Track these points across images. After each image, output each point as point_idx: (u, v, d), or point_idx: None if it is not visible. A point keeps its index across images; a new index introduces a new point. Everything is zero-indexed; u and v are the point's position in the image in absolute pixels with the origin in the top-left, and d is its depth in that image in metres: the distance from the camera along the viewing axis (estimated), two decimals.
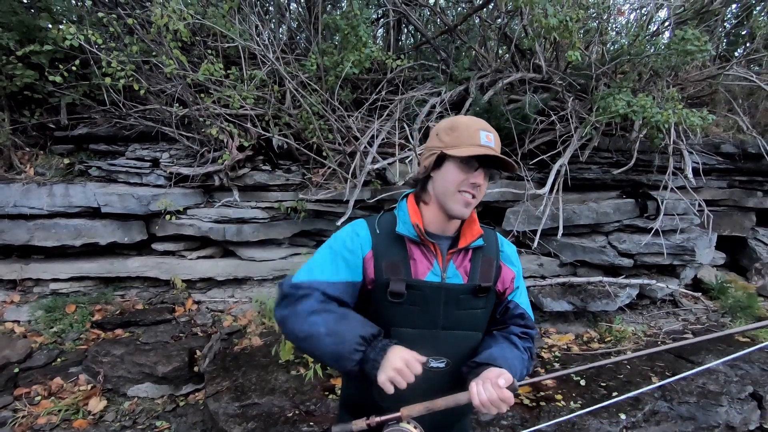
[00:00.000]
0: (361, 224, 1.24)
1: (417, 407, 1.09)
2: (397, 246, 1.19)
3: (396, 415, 1.09)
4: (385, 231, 1.21)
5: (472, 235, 1.22)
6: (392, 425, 1.11)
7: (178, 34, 3.26)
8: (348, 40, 3.67)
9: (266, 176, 3.93)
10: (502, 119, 3.96)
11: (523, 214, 3.94)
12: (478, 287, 1.20)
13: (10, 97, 3.99)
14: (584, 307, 3.81)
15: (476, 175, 1.14)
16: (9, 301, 3.75)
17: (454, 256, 1.21)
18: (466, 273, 1.21)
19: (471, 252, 1.23)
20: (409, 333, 1.17)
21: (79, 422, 2.82)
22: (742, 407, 2.72)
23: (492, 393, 1.03)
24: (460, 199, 1.15)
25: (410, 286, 1.15)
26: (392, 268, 1.16)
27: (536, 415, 2.59)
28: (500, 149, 1.19)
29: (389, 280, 1.15)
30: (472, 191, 1.15)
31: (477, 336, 1.25)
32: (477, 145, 1.12)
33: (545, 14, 3.29)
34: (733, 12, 5.52)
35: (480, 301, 1.22)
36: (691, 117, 3.61)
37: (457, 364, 1.20)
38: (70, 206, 3.71)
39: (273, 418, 2.53)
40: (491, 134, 1.16)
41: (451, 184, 1.15)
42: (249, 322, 3.72)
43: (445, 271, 1.19)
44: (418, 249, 1.19)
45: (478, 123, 1.17)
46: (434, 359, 1.18)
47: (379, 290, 1.17)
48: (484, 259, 1.23)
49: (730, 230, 4.96)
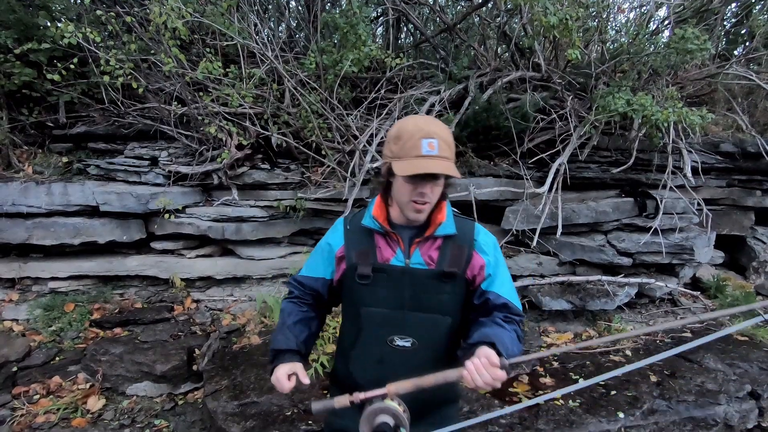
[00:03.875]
0: (339, 221, 1.42)
1: (404, 384, 1.08)
2: (365, 237, 1.32)
3: (382, 392, 1.09)
4: (356, 226, 1.35)
5: (435, 225, 1.29)
6: (377, 402, 1.10)
7: (176, 32, 3.26)
8: (347, 39, 3.66)
9: (265, 175, 3.93)
10: (502, 118, 3.96)
11: (522, 213, 3.93)
12: (443, 272, 1.27)
13: (9, 96, 3.98)
14: (583, 306, 3.82)
15: (421, 186, 1.20)
16: (8, 299, 3.74)
17: (420, 245, 1.30)
18: (432, 259, 1.29)
19: (441, 240, 1.30)
20: (376, 312, 1.30)
21: (78, 421, 2.81)
22: (740, 406, 2.72)
23: (483, 368, 1.05)
24: (412, 207, 1.24)
25: (376, 269, 1.29)
26: (361, 255, 1.31)
27: (534, 413, 2.59)
28: (451, 150, 1.21)
29: (357, 264, 1.30)
30: (422, 199, 1.22)
31: (445, 320, 1.30)
32: (418, 157, 1.16)
33: (545, 12, 3.29)
34: (732, 11, 5.52)
35: (446, 286, 1.28)
36: (691, 116, 3.61)
37: (425, 345, 1.28)
38: (68, 205, 3.70)
39: (272, 416, 2.53)
40: (434, 140, 1.17)
41: (402, 195, 1.24)
42: (248, 320, 3.71)
43: (409, 257, 1.29)
44: (382, 239, 1.32)
45: (422, 130, 1.18)
46: (400, 338, 1.29)
47: (350, 274, 1.32)
48: (454, 247, 1.30)
49: (729, 229, 4.96)
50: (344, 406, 1.10)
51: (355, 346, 1.35)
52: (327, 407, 1.11)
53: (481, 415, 2.56)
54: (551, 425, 2.49)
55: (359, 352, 1.34)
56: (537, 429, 2.46)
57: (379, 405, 1.09)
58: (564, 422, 2.51)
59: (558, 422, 2.51)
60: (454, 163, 1.21)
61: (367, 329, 1.32)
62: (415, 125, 1.20)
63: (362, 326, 1.32)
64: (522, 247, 4.20)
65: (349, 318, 1.38)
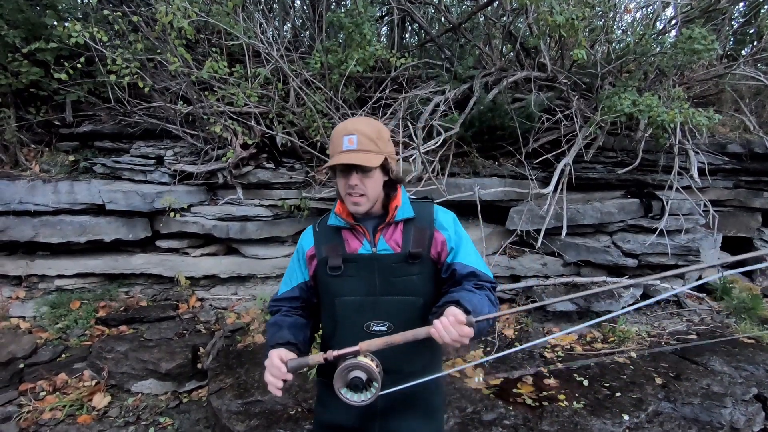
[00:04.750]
0: (310, 227, 1.49)
1: (376, 342, 1.15)
2: (333, 235, 1.40)
3: (354, 348, 1.15)
4: (323, 227, 1.43)
5: (392, 211, 1.37)
6: (350, 359, 1.15)
7: (182, 31, 3.27)
8: (352, 38, 3.66)
9: (270, 174, 3.94)
10: (507, 118, 3.94)
11: (526, 214, 3.92)
12: (409, 254, 1.33)
13: (16, 95, 4.02)
14: (588, 307, 3.80)
15: (349, 179, 1.29)
16: (14, 296, 3.77)
17: (384, 231, 1.37)
18: (397, 244, 1.35)
19: (402, 225, 1.37)
20: (351, 301, 1.35)
21: (84, 418, 2.84)
22: (746, 409, 2.70)
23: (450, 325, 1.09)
24: (349, 200, 1.32)
25: (345, 259, 1.35)
26: (330, 249, 1.38)
27: (539, 414, 2.58)
28: (373, 142, 1.28)
29: (328, 258, 1.37)
30: (354, 191, 1.30)
31: (417, 301, 1.35)
32: (340, 153, 1.27)
33: (551, 12, 3.27)
34: (740, 10, 5.47)
35: (414, 268, 1.34)
36: (697, 116, 3.59)
37: (401, 327, 1.28)
38: (75, 203, 3.73)
39: (275, 415, 2.54)
40: (354, 136, 1.26)
41: (340, 189, 1.35)
42: (252, 319, 3.73)
43: (375, 245, 1.35)
44: (348, 233, 1.39)
45: (345, 128, 1.29)
46: (376, 323, 1.33)
47: (321, 268, 1.39)
48: (416, 229, 1.36)
49: (735, 231, 4.93)
50: (318, 362, 1.19)
51: (334, 336, 1.38)
52: (301, 364, 1.19)
53: (484, 414, 2.56)
54: (555, 426, 2.48)
55: (339, 341, 1.33)
56: (541, 430, 2.46)
57: (352, 361, 1.14)
58: (568, 423, 2.50)
59: (562, 424, 2.50)
60: (381, 154, 1.28)
61: (343, 318, 1.36)
62: (341, 125, 1.31)
63: (338, 316, 1.37)
64: (526, 247, 4.18)
65: (326, 310, 1.43)
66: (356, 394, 1.15)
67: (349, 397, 1.15)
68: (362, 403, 1.15)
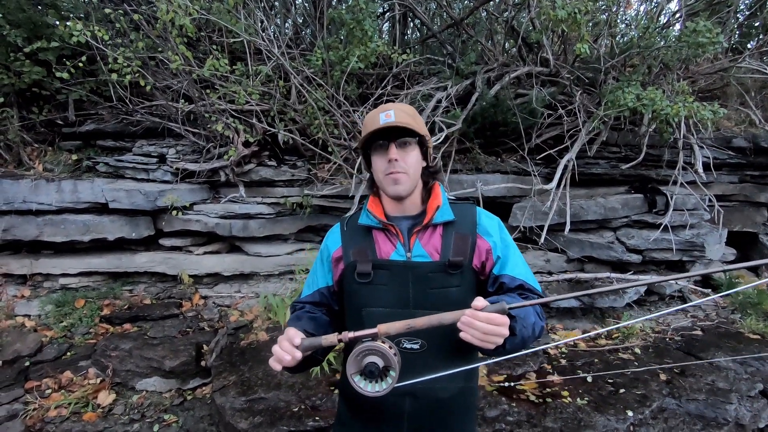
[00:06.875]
0: (337, 224, 1.35)
1: (396, 325, 1.03)
2: (363, 235, 1.26)
3: (372, 331, 1.03)
4: (352, 226, 1.29)
5: (432, 210, 1.22)
6: (366, 341, 1.04)
7: (183, 29, 3.26)
8: (353, 35, 3.65)
9: (272, 172, 3.94)
10: (509, 113, 3.92)
11: (529, 210, 3.90)
12: (448, 263, 1.18)
13: (19, 94, 4.03)
14: (591, 303, 3.79)
15: (388, 152, 1.18)
16: (19, 295, 3.80)
17: (420, 235, 1.22)
18: (436, 250, 1.20)
19: (441, 228, 1.22)
20: (380, 313, 1.17)
21: (89, 415, 2.86)
22: (751, 405, 2.68)
23: (484, 319, 0.96)
24: (389, 180, 1.19)
25: (376, 265, 1.20)
26: (359, 253, 1.23)
27: (542, 411, 2.58)
28: (411, 118, 1.20)
29: (356, 263, 1.22)
30: (393, 168, 1.18)
31: None
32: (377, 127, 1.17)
33: (553, 6, 3.24)
34: (746, 3, 5.42)
35: (453, 279, 1.18)
36: (702, 110, 3.55)
37: (434, 346, 1.17)
38: (78, 202, 3.74)
39: (279, 412, 2.54)
40: (391, 111, 1.18)
41: (378, 171, 1.22)
42: (255, 317, 3.73)
43: (410, 250, 1.21)
44: (381, 234, 1.25)
45: (381, 108, 1.21)
46: (408, 340, 1.17)
47: (348, 273, 1.24)
48: (457, 235, 1.22)
49: (741, 226, 4.89)
50: (332, 344, 1.07)
51: None
52: (314, 344, 1.07)
53: (487, 410, 2.55)
54: (559, 423, 2.47)
55: None
56: (545, 427, 2.45)
57: (369, 345, 1.02)
58: (572, 420, 2.49)
59: (566, 420, 2.49)
60: (419, 132, 1.19)
61: None
62: (376, 109, 1.23)
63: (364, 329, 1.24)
64: (530, 244, 4.17)
65: (351, 321, 1.26)
66: (370, 384, 1.02)
67: (363, 386, 1.02)
68: (376, 394, 1.01)
